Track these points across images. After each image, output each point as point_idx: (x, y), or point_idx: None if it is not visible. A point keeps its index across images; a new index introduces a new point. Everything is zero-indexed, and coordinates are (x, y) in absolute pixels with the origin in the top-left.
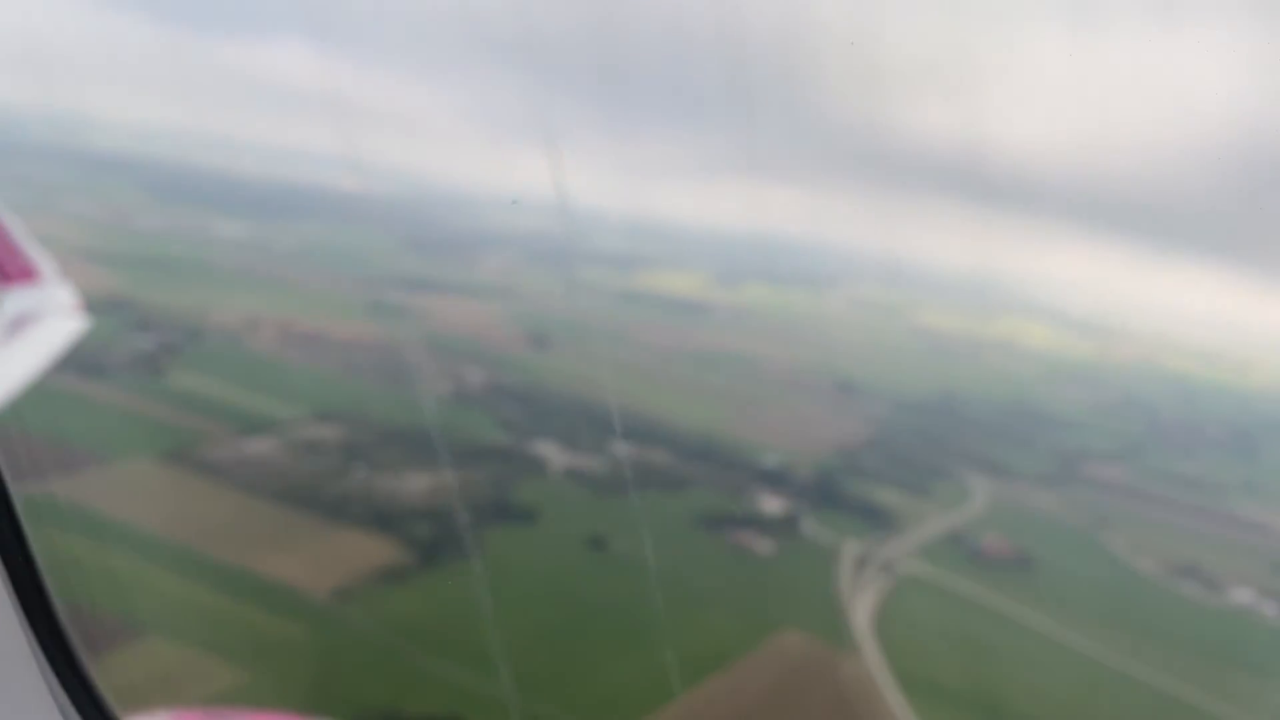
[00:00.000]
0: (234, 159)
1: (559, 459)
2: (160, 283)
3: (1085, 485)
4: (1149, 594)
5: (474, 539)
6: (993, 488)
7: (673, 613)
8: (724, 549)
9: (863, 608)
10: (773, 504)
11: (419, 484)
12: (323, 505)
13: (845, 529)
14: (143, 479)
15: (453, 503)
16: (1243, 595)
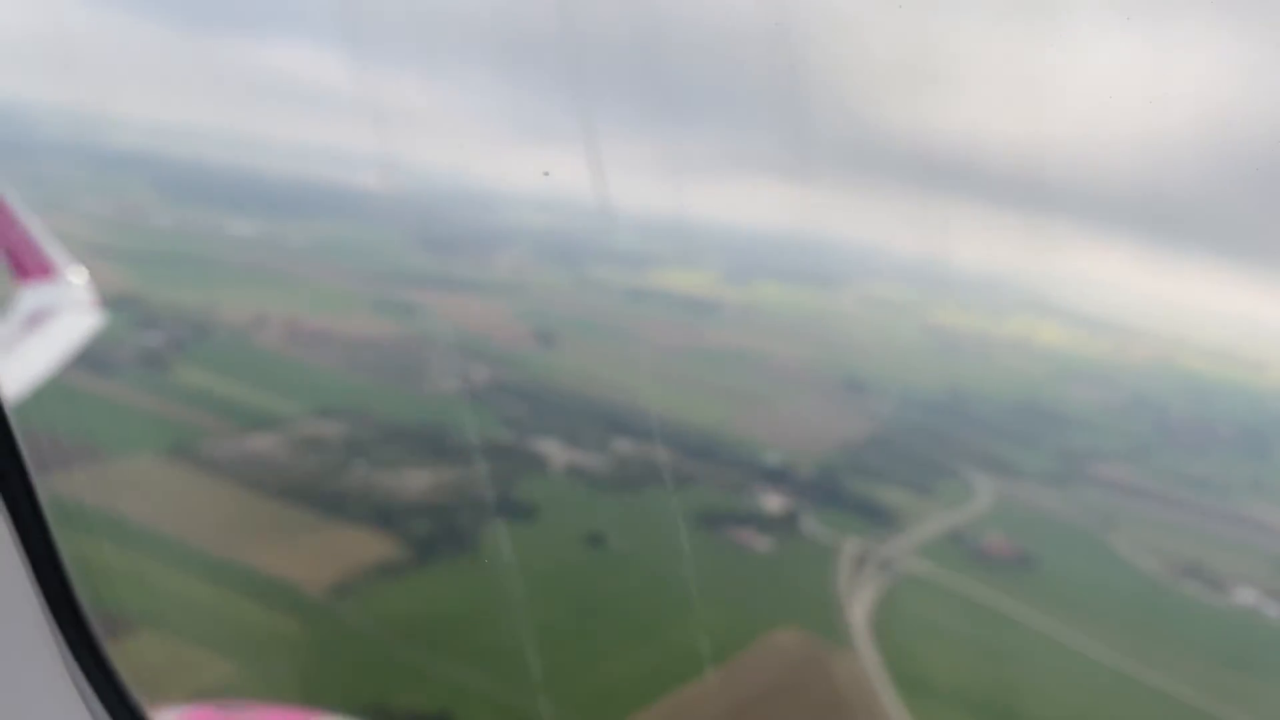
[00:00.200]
0: (249, 156)
1: (560, 456)
2: (170, 280)
3: (1091, 485)
4: (1150, 594)
5: (472, 535)
6: (998, 487)
7: (669, 609)
8: (723, 546)
9: (860, 606)
10: (774, 502)
11: (419, 481)
12: (323, 501)
13: (846, 527)
14: (144, 474)
15: (452, 499)
16: (1246, 595)
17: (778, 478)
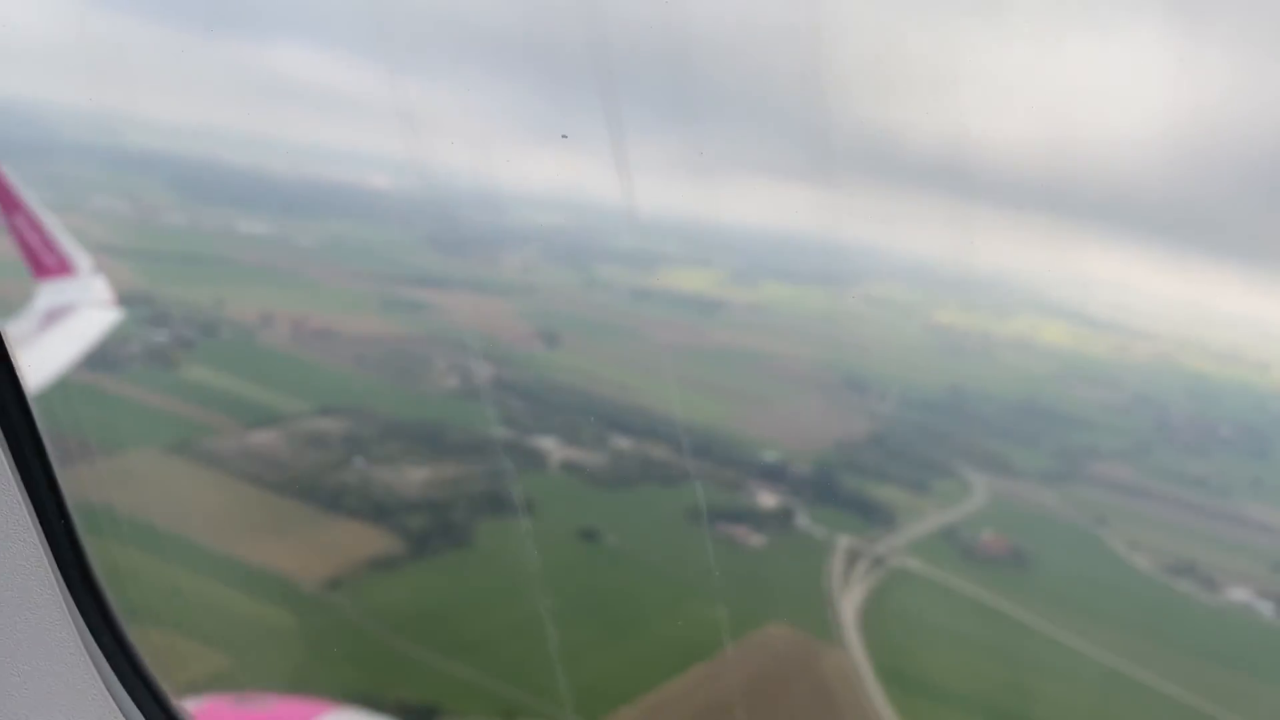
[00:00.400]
0: (262, 157)
1: (558, 453)
2: (180, 278)
3: (1088, 483)
4: (1143, 591)
5: (467, 531)
6: (995, 485)
7: (660, 604)
8: (717, 542)
9: (850, 602)
10: (769, 499)
11: (417, 477)
12: (321, 497)
13: (840, 525)
14: (146, 469)
15: (449, 495)
16: (1239, 594)
17: (774, 475)
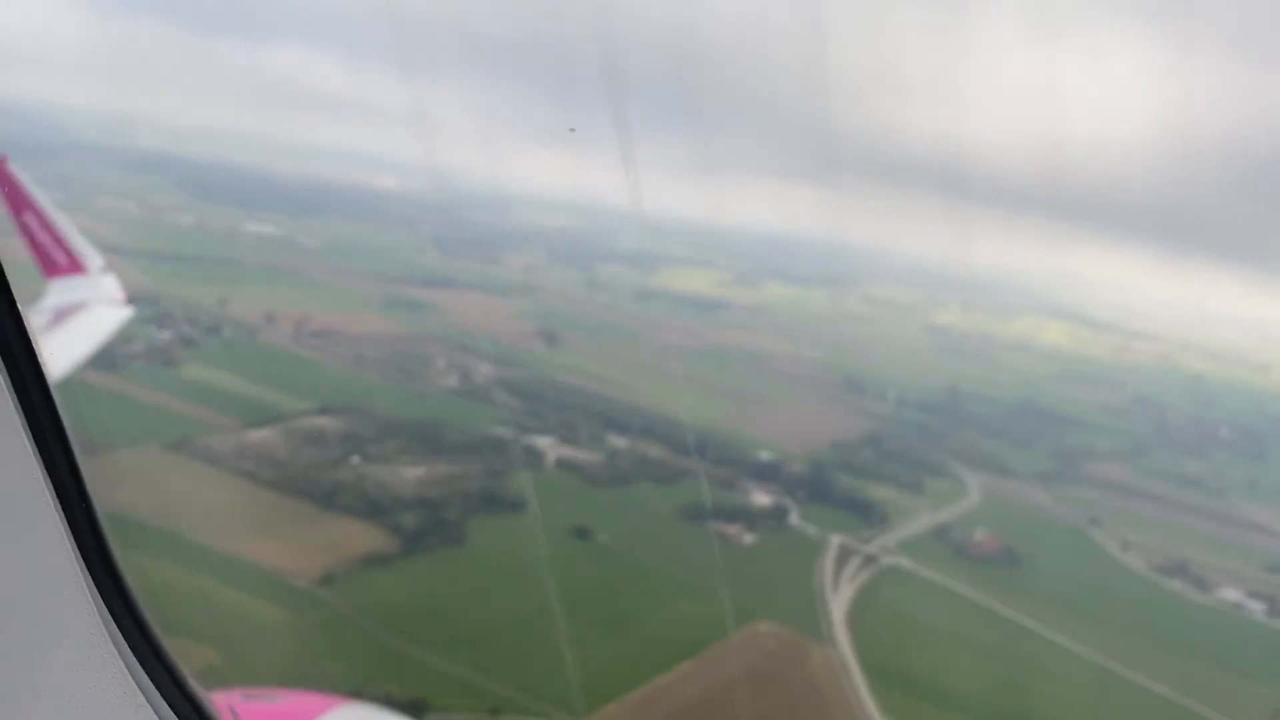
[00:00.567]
0: (269, 158)
1: (554, 452)
2: (185, 278)
3: (1083, 484)
4: (1134, 591)
5: (460, 528)
6: (990, 485)
7: (651, 600)
8: (709, 540)
9: (840, 600)
10: (763, 498)
11: (413, 475)
12: (318, 494)
13: (834, 524)
14: (144, 467)
15: (443, 493)
16: (1230, 594)
17: (768, 474)
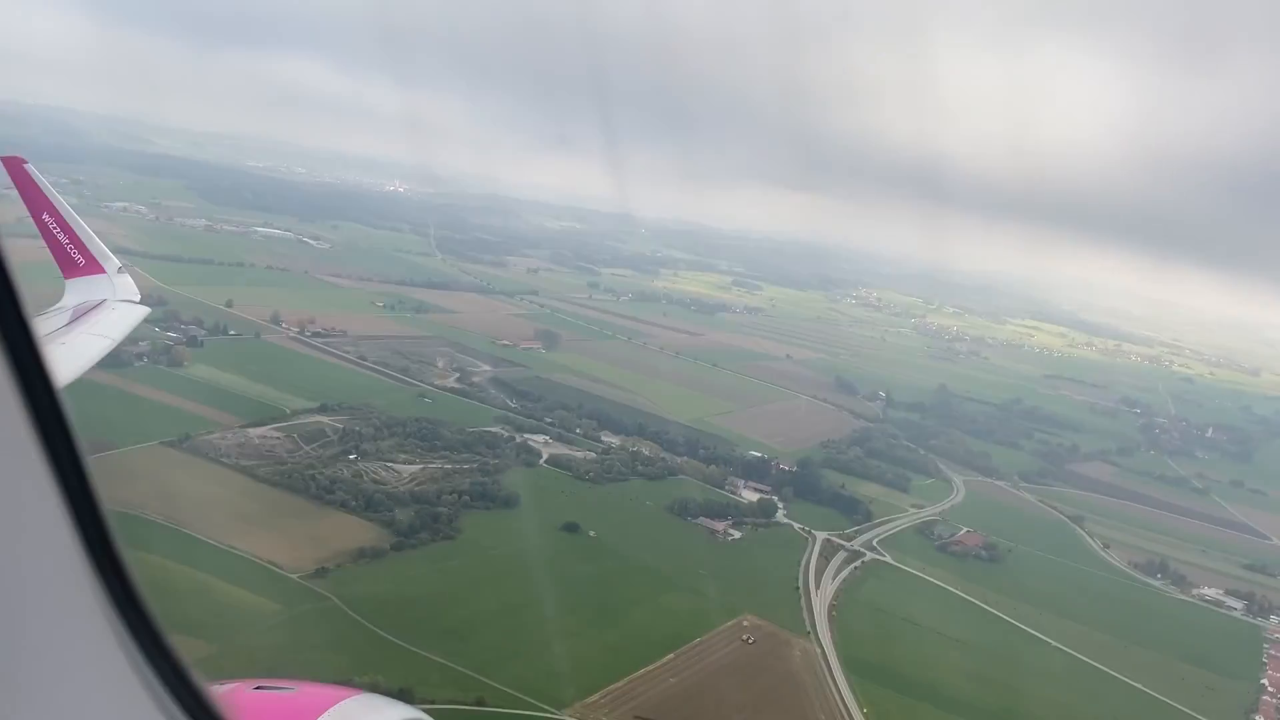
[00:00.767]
0: (282, 163)
1: (548, 450)
2: (194, 280)
3: (1068, 483)
4: (1114, 587)
5: (453, 523)
6: (975, 483)
7: (636, 594)
8: (697, 536)
9: (823, 595)
10: (751, 495)
11: (408, 472)
12: (314, 490)
13: (819, 520)
14: (140, 464)
15: (437, 490)
16: (1209, 591)
17: (757, 472)
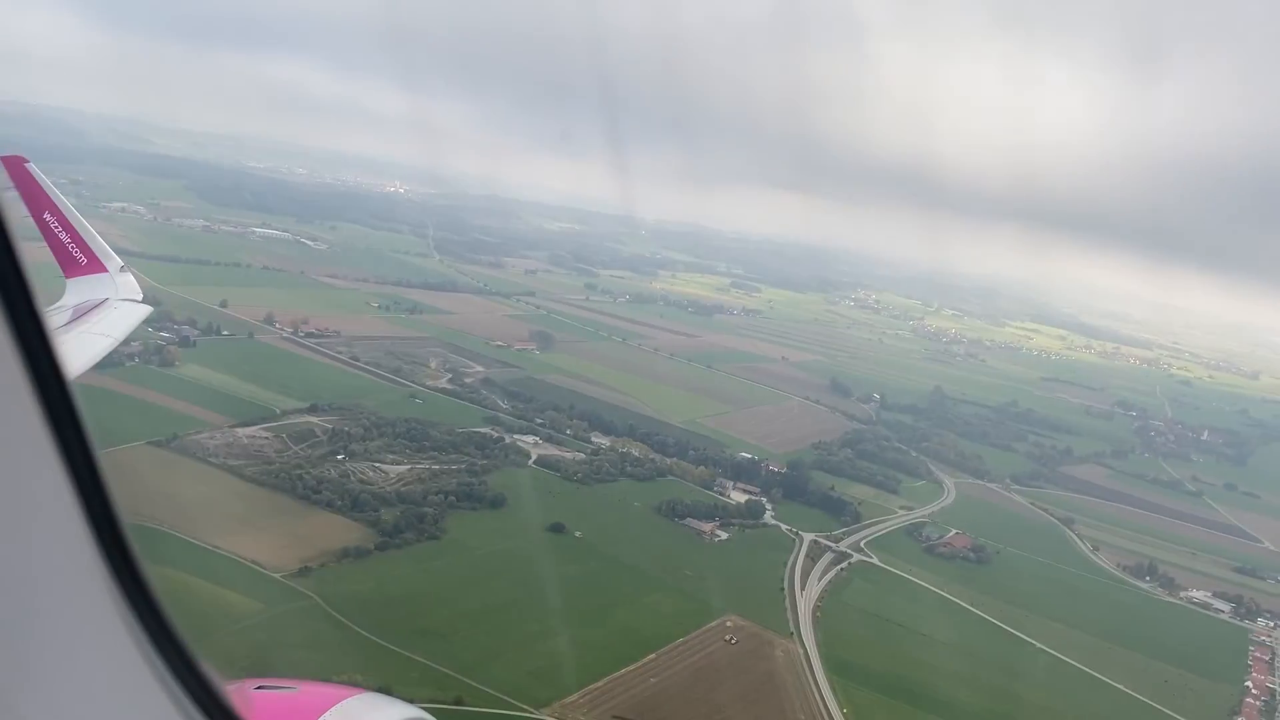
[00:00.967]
0: (283, 163)
1: (537, 450)
2: (190, 281)
3: (1060, 485)
4: (1102, 590)
5: (438, 523)
6: (967, 485)
7: (620, 594)
8: (684, 536)
9: (808, 596)
10: (739, 496)
11: (395, 472)
12: (300, 490)
13: (807, 521)
14: (127, 464)
15: (424, 490)
16: (1197, 594)
17: (747, 473)
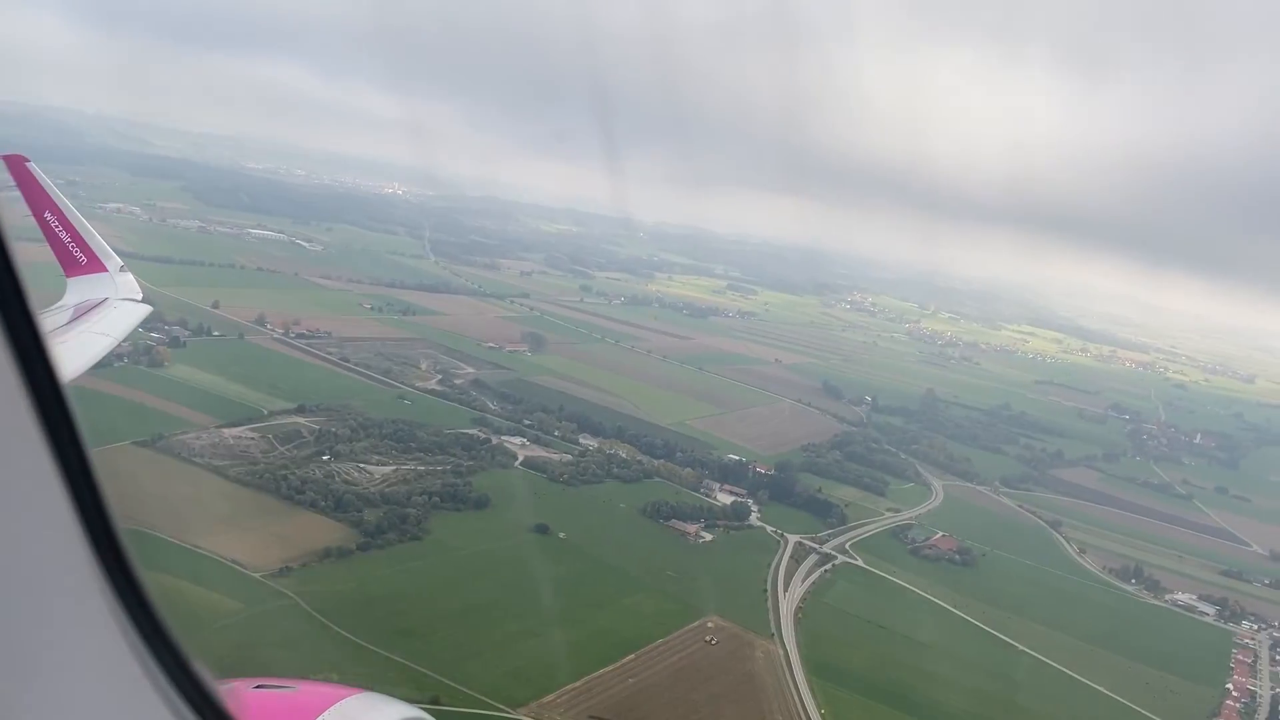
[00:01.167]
0: (280, 165)
1: (524, 452)
2: (183, 282)
3: (1050, 488)
4: (1087, 592)
5: (421, 524)
6: (955, 488)
7: (602, 595)
8: (668, 538)
9: (790, 597)
10: (725, 498)
11: (380, 473)
12: (285, 490)
13: (793, 523)
14: (105, 464)
15: (409, 491)
16: (1182, 597)
17: (734, 475)
